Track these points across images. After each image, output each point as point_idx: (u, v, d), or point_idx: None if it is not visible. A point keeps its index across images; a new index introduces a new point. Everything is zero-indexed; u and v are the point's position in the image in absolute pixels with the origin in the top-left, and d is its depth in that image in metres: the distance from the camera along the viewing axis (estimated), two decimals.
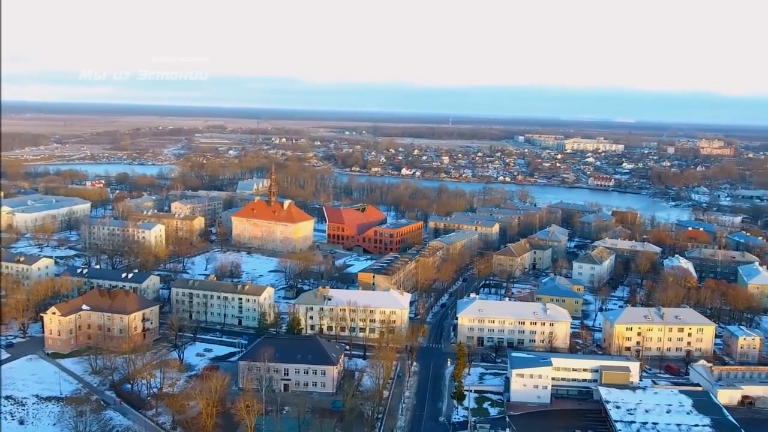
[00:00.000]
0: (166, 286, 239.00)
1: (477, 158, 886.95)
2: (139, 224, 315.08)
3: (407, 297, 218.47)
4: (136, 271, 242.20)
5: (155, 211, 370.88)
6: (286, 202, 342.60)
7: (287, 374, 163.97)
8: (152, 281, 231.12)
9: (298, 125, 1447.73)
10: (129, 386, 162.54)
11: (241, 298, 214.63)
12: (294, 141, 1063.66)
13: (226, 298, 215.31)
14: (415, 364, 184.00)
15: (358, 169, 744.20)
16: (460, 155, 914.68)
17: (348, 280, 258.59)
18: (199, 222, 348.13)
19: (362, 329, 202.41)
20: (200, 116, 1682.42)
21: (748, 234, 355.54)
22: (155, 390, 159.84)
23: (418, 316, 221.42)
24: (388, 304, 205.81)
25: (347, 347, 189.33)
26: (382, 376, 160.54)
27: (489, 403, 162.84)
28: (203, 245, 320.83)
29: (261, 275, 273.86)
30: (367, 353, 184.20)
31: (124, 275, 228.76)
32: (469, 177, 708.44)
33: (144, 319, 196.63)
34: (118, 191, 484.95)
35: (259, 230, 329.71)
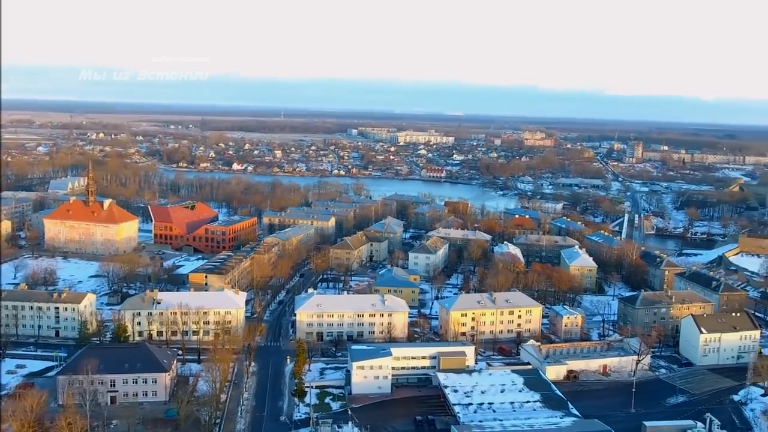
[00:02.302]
0: None
1: (311, 152, 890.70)
2: None
3: (243, 296, 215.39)
4: None
5: None
6: (107, 202, 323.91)
7: (114, 385, 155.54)
8: None
9: (117, 119, 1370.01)
10: None
11: (57, 308, 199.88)
12: (113, 136, 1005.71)
13: (40, 308, 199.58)
14: (253, 364, 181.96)
15: (185, 164, 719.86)
16: (293, 149, 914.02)
17: (178, 282, 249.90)
18: (6, 226, 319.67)
19: (196, 332, 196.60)
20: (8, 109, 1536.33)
21: (568, 219, 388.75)
22: None
23: (255, 315, 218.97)
24: (222, 305, 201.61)
25: (180, 352, 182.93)
26: (219, 380, 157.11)
27: (331, 397, 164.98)
28: (11, 251, 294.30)
29: (80, 281, 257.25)
30: (201, 357, 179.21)
31: None
32: (303, 171, 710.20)
33: None
34: None
35: (77, 233, 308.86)
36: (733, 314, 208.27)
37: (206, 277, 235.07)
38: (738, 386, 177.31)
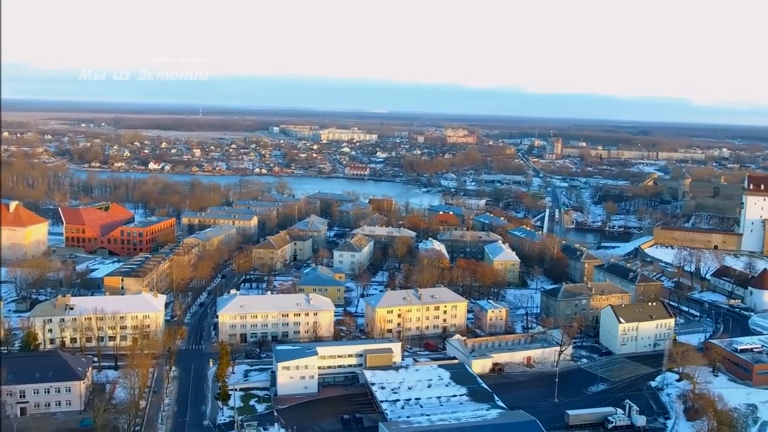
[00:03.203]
0: None
1: (231, 150, 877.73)
2: None
3: (162, 299, 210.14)
4: None
5: None
6: (13, 204, 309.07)
7: (24, 396, 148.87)
8: None
9: (22, 117, 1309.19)
10: None
11: None
12: (18, 135, 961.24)
13: None
14: (174, 368, 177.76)
15: (98, 164, 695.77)
16: (212, 147, 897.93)
17: (92, 286, 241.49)
18: None
19: (112, 338, 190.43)
20: None
21: (491, 215, 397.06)
22: None
23: (175, 318, 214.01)
24: (140, 309, 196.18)
25: (95, 359, 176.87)
26: (138, 386, 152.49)
27: (256, 399, 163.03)
28: None
29: None
30: (119, 363, 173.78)
31: None
32: (223, 170, 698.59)
33: None
34: None
35: None
36: (650, 304, 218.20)
37: (122, 280, 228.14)
38: (655, 372, 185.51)
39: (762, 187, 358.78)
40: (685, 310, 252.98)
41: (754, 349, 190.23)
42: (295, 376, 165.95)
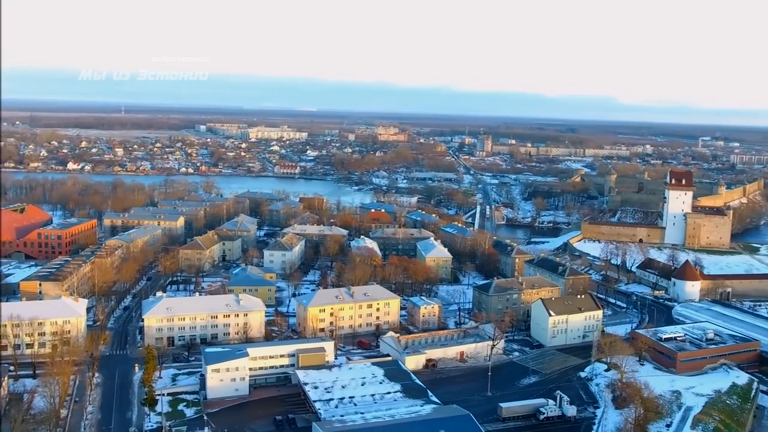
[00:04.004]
0: None
1: (155, 149, 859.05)
2: None
3: (83, 303, 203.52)
4: None
5: None
6: None
7: None
8: None
9: None
10: None
11: None
12: None
13: None
14: (97, 375, 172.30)
15: (12, 164, 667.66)
16: (136, 146, 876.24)
17: (8, 292, 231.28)
18: None
19: (30, 345, 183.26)
20: None
21: (423, 212, 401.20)
22: None
23: (98, 323, 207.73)
24: (59, 314, 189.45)
25: (11, 368, 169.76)
26: (58, 394, 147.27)
27: (185, 404, 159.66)
28: None
29: None
30: (37, 371, 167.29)
31: None
32: (147, 169, 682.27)
33: None
34: None
35: None
36: (578, 296, 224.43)
37: (40, 285, 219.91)
38: (584, 363, 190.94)
39: (683, 182, 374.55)
40: (612, 302, 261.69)
41: (678, 338, 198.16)
42: (226, 378, 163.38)
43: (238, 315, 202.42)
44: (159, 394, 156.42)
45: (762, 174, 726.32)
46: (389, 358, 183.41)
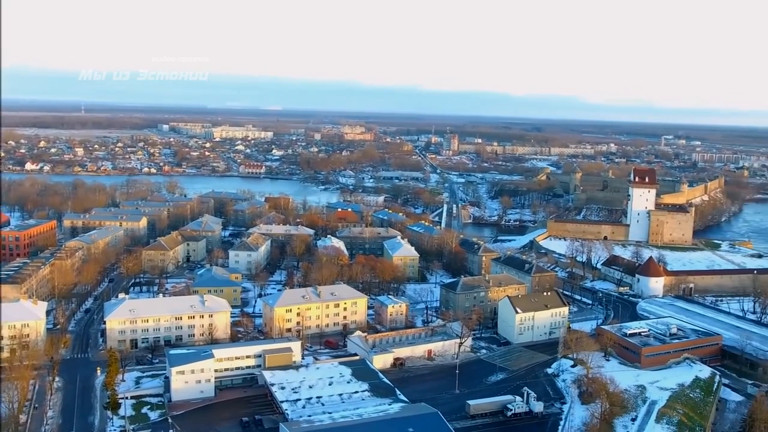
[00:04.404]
0: None
1: (117, 149, 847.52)
2: None
3: (42, 306, 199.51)
4: None
5: None
6: None
7: None
8: None
9: None
10: None
11: None
12: None
13: None
14: (58, 379, 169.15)
15: None
16: (96, 146, 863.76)
17: None
18: None
19: None
20: None
21: (390, 211, 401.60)
22: None
23: (58, 326, 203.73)
24: (18, 317, 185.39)
25: None
26: (17, 399, 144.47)
27: (149, 407, 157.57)
28: None
29: None
30: None
31: None
32: (109, 170, 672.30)
33: None
34: None
35: None
36: (545, 293, 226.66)
37: None
38: (551, 360, 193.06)
39: (646, 180, 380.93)
40: (578, 299, 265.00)
41: (642, 333, 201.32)
42: (191, 380, 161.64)
43: (203, 316, 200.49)
44: (122, 398, 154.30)
45: (723, 172, 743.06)
46: (357, 358, 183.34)
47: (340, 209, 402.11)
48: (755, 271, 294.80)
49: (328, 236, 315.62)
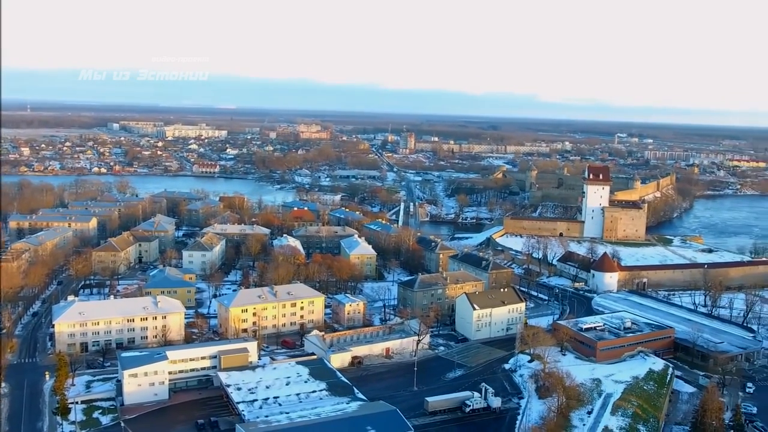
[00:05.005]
0: None
1: (65, 148, 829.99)
2: None
3: None
4: None
5: None
6: None
7: None
8: None
9: None
10: None
11: None
12: None
13: None
14: (4, 385, 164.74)
15: None
16: (43, 145, 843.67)
17: None
18: None
19: None
20: None
21: (347, 210, 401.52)
22: None
23: (4, 330, 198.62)
24: None
25: None
26: None
27: (100, 411, 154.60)
28: None
29: None
30: None
31: None
32: (56, 170, 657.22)
33: None
34: None
35: None
36: (502, 290, 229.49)
37: None
38: (508, 355, 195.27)
39: (600, 177, 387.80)
40: (534, 295, 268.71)
41: (597, 328, 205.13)
42: (144, 383, 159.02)
43: (156, 318, 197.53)
44: (72, 403, 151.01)
45: (674, 169, 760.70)
46: (314, 357, 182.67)
47: (296, 208, 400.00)
48: (706, 266, 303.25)
49: (284, 235, 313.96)
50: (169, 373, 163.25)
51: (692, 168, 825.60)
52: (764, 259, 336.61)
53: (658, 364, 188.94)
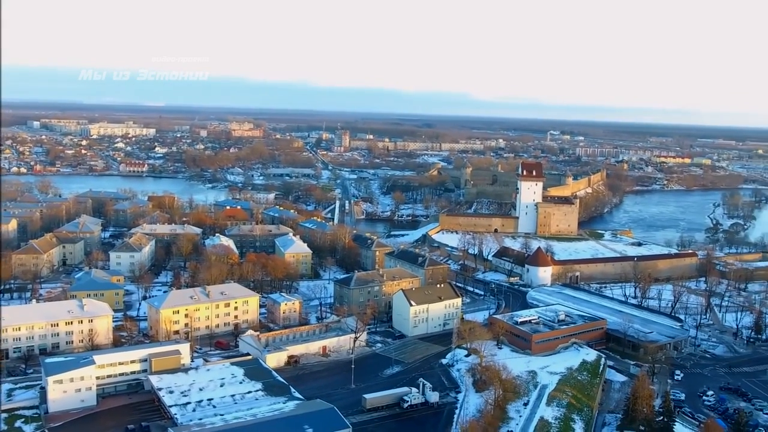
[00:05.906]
0: None
1: None
2: None
3: None
4: None
5: None
6: None
7: None
8: None
9: None
10: None
11: None
12: None
13: None
14: None
15: None
16: None
17: None
18: None
19: None
20: None
21: (281, 208, 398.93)
22: None
23: None
24: None
25: None
26: None
27: (23, 420, 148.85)
28: None
29: None
30: None
31: None
32: None
33: None
34: None
35: None
36: (438, 286, 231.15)
37: None
38: (445, 350, 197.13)
39: (534, 173, 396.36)
40: (470, 290, 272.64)
41: (532, 321, 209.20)
42: (69, 389, 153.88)
43: (82, 321, 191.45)
44: None
45: (604, 165, 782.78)
46: (249, 357, 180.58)
47: (228, 207, 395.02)
48: (635, 259, 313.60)
49: (217, 235, 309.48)
50: (97, 378, 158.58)
51: (622, 164, 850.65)
52: (690, 251, 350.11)
53: (591, 354, 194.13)
